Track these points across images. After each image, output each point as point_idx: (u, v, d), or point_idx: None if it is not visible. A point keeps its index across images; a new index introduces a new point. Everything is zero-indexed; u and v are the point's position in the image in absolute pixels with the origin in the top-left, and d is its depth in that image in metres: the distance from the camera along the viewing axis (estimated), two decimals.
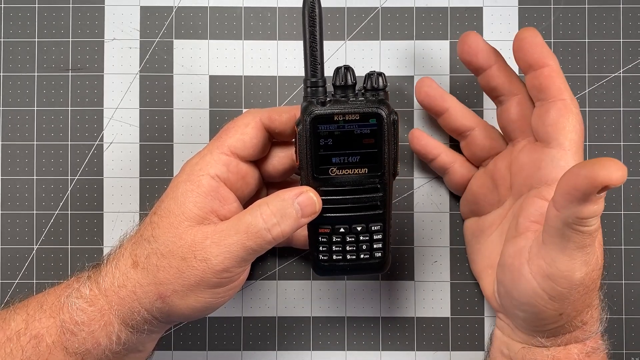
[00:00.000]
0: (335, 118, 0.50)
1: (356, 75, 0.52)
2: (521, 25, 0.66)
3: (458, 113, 0.61)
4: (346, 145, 0.51)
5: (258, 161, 0.57)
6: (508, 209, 0.58)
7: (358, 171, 0.52)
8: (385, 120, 0.50)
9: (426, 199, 0.66)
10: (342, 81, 0.51)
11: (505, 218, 0.58)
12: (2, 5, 0.66)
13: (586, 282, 0.50)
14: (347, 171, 0.52)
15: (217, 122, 0.66)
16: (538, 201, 0.53)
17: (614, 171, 0.44)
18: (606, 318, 0.55)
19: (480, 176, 0.61)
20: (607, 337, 0.56)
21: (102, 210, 0.66)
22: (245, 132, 0.54)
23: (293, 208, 0.51)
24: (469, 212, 0.63)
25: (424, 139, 0.63)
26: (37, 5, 0.66)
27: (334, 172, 0.52)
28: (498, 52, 0.57)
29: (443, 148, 0.63)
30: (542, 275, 0.51)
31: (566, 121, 0.52)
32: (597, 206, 0.46)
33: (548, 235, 0.50)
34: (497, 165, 0.59)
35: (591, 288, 0.51)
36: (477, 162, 0.62)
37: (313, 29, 0.50)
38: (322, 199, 0.52)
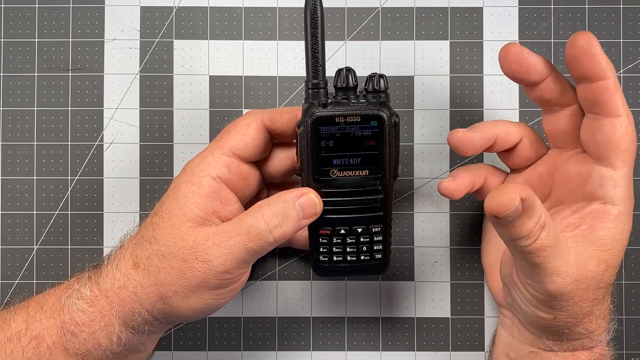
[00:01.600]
0: (337, 120, 0.50)
1: (357, 76, 0.52)
2: (521, 25, 0.66)
3: (504, 137, 0.57)
4: (347, 147, 0.51)
5: (259, 162, 0.57)
6: None
7: (359, 173, 0.52)
8: (387, 123, 0.50)
9: (426, 199, 0.66)
10: (344, 83, 0.51)
11: None
12: (2, 5, 0.66)
13: (568, 292, 0.50)
14: (348, 173, 0.52)
15: (217, 122, 0.66)
16: (571, 215, 0.53)
17: (494, 202, 0.46)
18: (614, 327, 0.55)
19: (514, 180, 0.60)
20: (613, 343, 0.56)
21: (102, 211, 0.66)
22: (247, 133, 0.54)
23: (294, 209, 0.51)
24: None
25: (456, 182, 0.58)
26: (37, 5, 0.66)
27: (335, 174, 0.52)
28: (549, 62, 0.53)
29: (475, 177, 0.59)
30: (524, 281, 0.52)
31: (621, 140, 0.49)
32: (514, 230, 0.47)
33: (508, 249, 0.51)
34: (536, 170, 0.58)
35: (583, 298, 0.51)
36: (516, 169, 0.60)
37: (315, 30, 0.50)
38: (323, 201, 0.52)
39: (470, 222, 0.66)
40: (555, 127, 0.55)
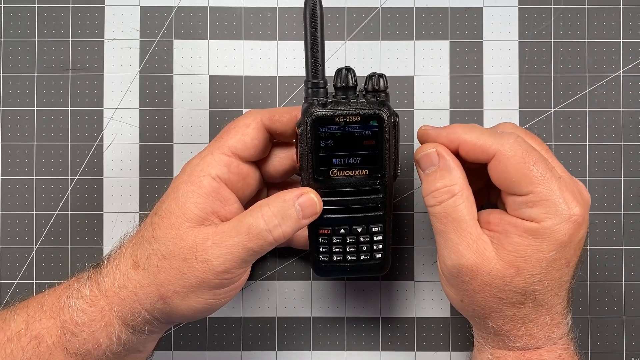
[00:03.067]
0: (336, 119, 0.50)
1: (357, 75, 0.52)
2: (521, 25, 0.66)
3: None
4: (347, 147, 0.51)
5: (259, 162, 0.57)
6: None
7: (359, 173, 0.52)
8: (386, 122, 0.50)
9: None
10: (343, 82, 0.51)
11: None
12: (2, 5, 0.66)
13: (466, 272, 0.52)
14: (347, 172, 0.52)
15: (217, 122, 0.66)
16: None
17: (418, 150, 0.54)
18: (564, 337, 0.54)
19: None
20: (577, 353, 0.55)
21: (102, 211, 0.66)
22: (246, 132, 0.54)
23: (294, 209, 0.51)
24: None
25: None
26: (37, 5, 0.66)
27: (335, 174, 0.52)
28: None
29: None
30: (438, 255, 0.55)
31: (524, 177, 0.51)
32: (426, 183, 0.53)
33: None
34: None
35: (489, 291, 0.52)
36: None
37: (314, 30, 0.50)
38: (322, 200, 0.52)
39: None
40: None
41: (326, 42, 0.52)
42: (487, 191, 0.60)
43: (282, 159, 0.58)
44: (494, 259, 0.51)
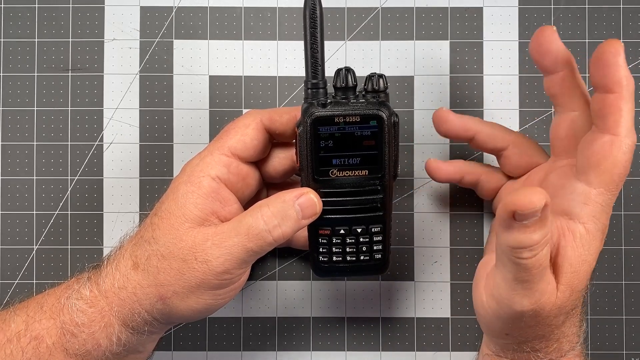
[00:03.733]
0: (336, 120, 0.50)
1: (357, 76, 0.52)
2: (521, 25, 0.66)
3: (485, 137, 0.57)
4: (347, 147, 0.51)
5: (258, 162, 0.57)
6: None
7: (358, 173, 0.52)
8: (386, 122, 0.50)
9: (426, 199, 0.66)
10: (343, 83, 0.51)
11: None
12: (2, 5, 0.66)
13: (530, 316, 0.49)
14: (347, 173, 0.52)
15: (217, 122, 0.66)
16: None
17: (521, 197, 0.43)
18: (579, 346, 0.54)
19: (510, 186, 0.59)
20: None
21: (102, 211, 0.66)
22: (246, 133, 0.54)
23: (294, 209, 0.51)
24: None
25: (440, 168, 0.60)
26: (37, 5, 0.66)
27: (335, 174, 0.52)
28: (570, 58, 0.50)
29: (463, 168, 0.60)
30: (489, 293, 0.51)
31: (604, 159, 0.47)
32: (523, 235, 0.44)
33: (497, 258, 0.49)
34: (530, 178, 0.57)
35: (545, 322, 0.50)
36: (515, 176, 0.59)
37: (314, 30, 0.49)
38: (322, 201, 0.52)
39: (470, 222, 0.66)
40: (555, 132, 0.53)
41: (326, 42, 0.52)
42: None
43: (282, 159, 0.58)
44: (555, 290, 0.48)
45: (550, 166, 0.54)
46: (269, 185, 0.61)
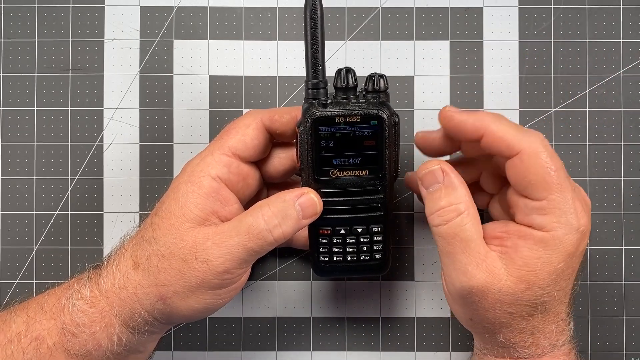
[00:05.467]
0: (337, 120, 0.50)
1: (357, 76, 0.52)
2: (521, 25, 0.66)
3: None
4: (347, 147, 0.51)
5: (259, 162, 0.57)
6: None
7: (359, 173, 0.52)
8: (387, 122, 0.50)
9: None
10: (344, 83, 0.51)
11: None
12: (2, 5, 0.66)
13: (477, 294, 0.50)
14: (348, 173, 0.52)
15: (217, 122, 0.66)
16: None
17: (421, 166, 0.52)
18: (564, 344, 0.54)
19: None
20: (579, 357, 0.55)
21: (102, 211, 0.66)
22: (246, 133, 0.54)
23: (294, 209, 0.51)
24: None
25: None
26: (37, 5, 0.66)
27: (335, 174, 0.52)
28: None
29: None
30: (443, 273, 0.54)
31: (530, 174, 0.50)
32: (431, 202, 0.51)
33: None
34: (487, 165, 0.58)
35: (500, 308, 0.51)
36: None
37: (315, 30, 0.49)
38: (323, 201, 0.52)
39: None
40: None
41: (326, 42, 0.52)
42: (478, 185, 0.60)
43: (282, 159, 0.58)
44: (504, 275, 0.50)
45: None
46: (269, 185, 0.61)
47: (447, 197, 0.51)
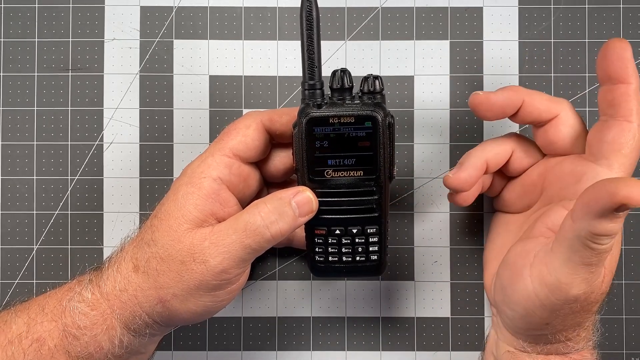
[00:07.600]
0: (331, 120, 0.50)
1: (355, 76, 0.52)
2: (521, 25, 0.66)
3: (496, 160, 0.57)
4: (342, 148, 0.51)
5: (259, 162, 0.57)
6: (533, 212, 0.57)
7: (353, 174, 0.52)
8: (381, 123, 0.50)
9: (426, 199, 0.66)
10: (339, 84, 0.51)
11: (527, 220, 0.58)
12: (2, 5, 0.66)
13: (582, 301, 0.49)
14: (342, 173, 0.52)
15: (217, 122, 0.66)
16: (562, 210, 0.52)
17: (636, 191, 0.43)
18: (597, 338, 0.55)
19: (513, 185, 0.60)
20: (598, 353, 0.55)
21: (102, 211, 0.66)
22: (247, 133, 0.54)
23: (290, 207, 0.51)
24: (500, 208, 0.62)
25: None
26: (37, 5, 0.66)
27: (330, 174, 0.52)
28: (513, 92, 0.54)
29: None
30: (541, 281, 0.50)
31: (625, 144, 0.49)
32: (613, 224, 0.45)
33: (558, 244, 0.49)
34: (530, 174, 0.57)
35: (586, 309, 0.51)
36: (514, 176, 0.60)
37: (310, 31, 0.49)
38: (318, 200, 0.52)
39: (470, 222, 0.66)
40: (544, 138, 0.55)
41: (326, 42, 0.52)
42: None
43: (283, 158, 0.58)
44: (603, 275, 0.50)
45: (548, 161, 0.56)
46: (269, 185, 0.61)
47: (622, 220, 0.46)
